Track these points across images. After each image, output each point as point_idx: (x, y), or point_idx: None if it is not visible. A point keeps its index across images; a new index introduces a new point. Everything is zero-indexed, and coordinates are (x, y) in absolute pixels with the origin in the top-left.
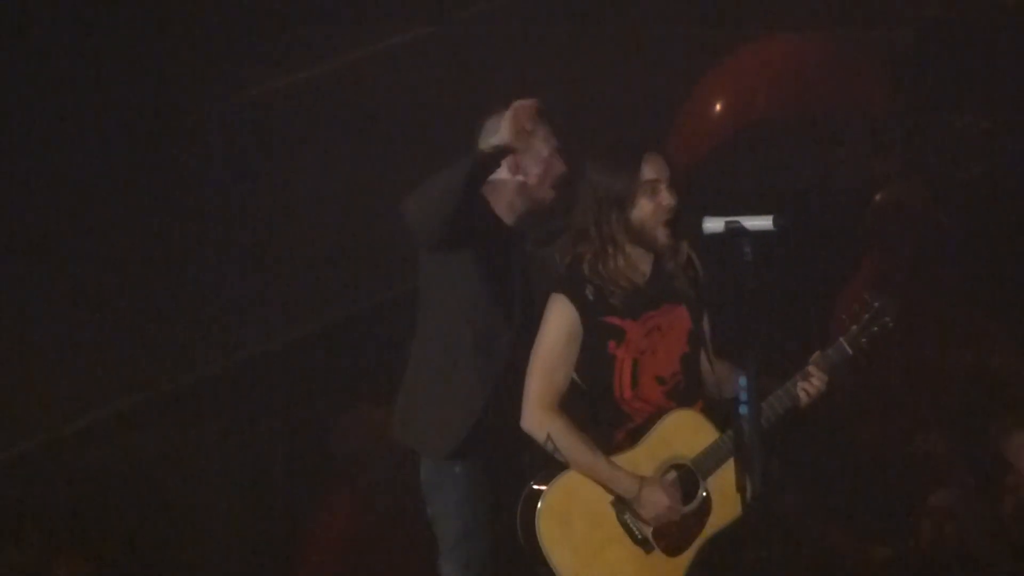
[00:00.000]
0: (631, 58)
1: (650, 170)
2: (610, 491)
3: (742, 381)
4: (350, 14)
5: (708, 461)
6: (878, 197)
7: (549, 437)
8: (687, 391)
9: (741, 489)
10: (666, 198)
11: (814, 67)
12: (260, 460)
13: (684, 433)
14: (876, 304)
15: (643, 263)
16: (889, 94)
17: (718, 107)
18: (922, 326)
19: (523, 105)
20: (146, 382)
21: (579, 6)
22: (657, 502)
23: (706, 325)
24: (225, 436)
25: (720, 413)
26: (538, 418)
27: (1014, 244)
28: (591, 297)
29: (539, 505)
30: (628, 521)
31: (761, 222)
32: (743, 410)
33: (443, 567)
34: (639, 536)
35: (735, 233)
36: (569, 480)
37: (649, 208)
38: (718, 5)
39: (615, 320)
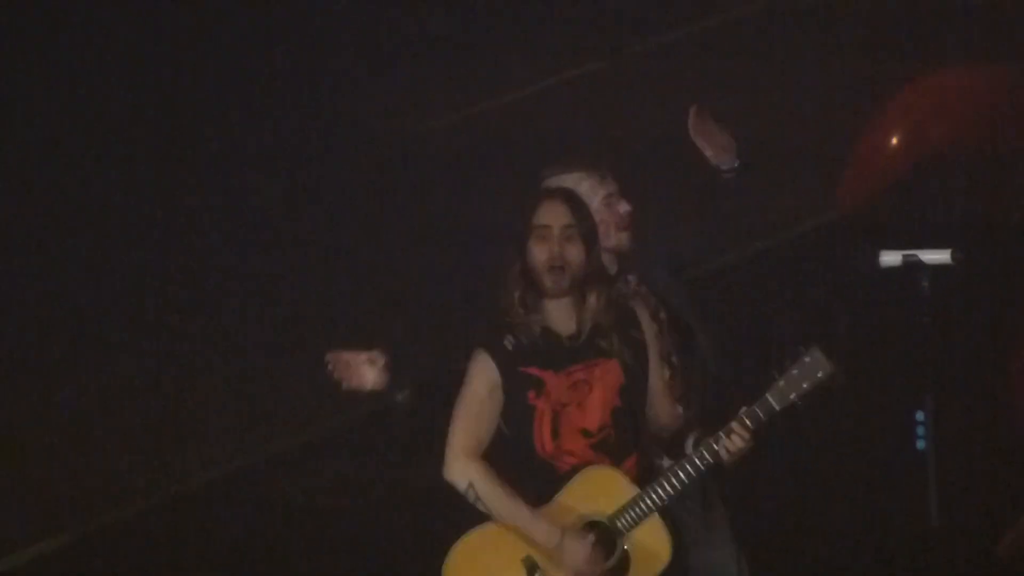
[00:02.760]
0: (806, 91)
1: (543, 215)
2: (530, 540)
3: (919, 416)
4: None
5: (626, 517)
6: None
7: (471, 485)
8: (618, 445)
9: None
10: (554, 246)
11: (989, 100)
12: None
13: (597, 490)
14: (807, 359)
15: (565, 314)
16: None
17: (894, 141)
18: None
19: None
20: (318, 417)
21: (751, 41)
22: (578, 553)
23: (655, 377)
24: (396, 469)
25: (652, 469)
26: (460, 466)
27: None
28: (509, 347)
29: (447, 560)
30: None
31: (939, 256)
32: (920, 445)
33: None
34: None
35: (913, 267)
36: (480, 535)
37: (536, 254)
38: (893, 40)
39: (534, 371)
